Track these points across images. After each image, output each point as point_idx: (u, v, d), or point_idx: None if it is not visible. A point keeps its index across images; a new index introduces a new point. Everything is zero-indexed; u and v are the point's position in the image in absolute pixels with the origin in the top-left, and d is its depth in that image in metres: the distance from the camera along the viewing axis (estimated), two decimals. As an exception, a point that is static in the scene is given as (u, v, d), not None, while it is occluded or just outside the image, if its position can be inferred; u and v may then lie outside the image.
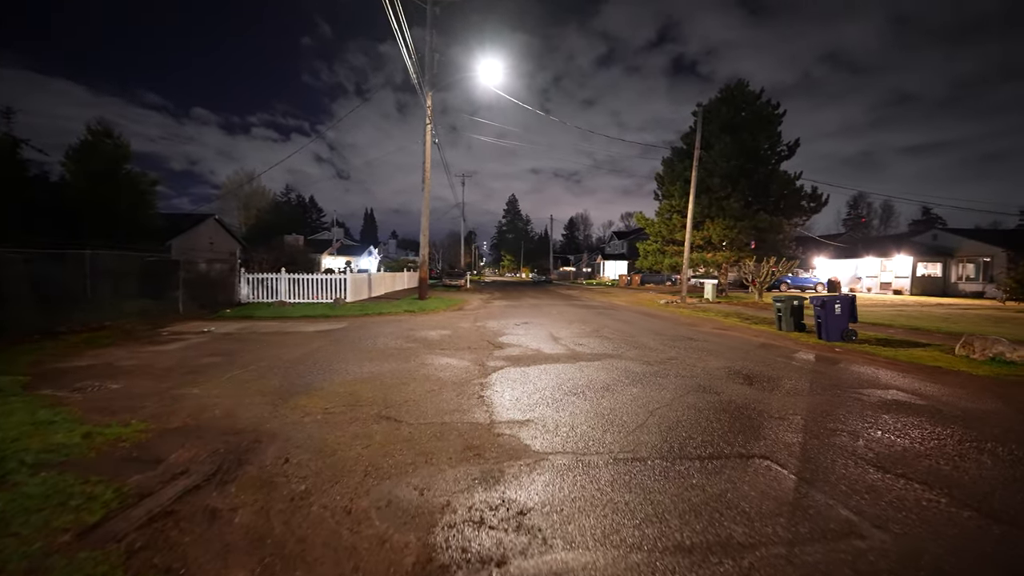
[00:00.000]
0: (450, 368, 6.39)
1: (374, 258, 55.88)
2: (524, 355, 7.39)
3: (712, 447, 3.64)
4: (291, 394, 5.11)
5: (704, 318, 13.96)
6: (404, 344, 8.44)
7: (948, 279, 28.34)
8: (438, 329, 10.52)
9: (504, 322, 11.96)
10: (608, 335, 9.84)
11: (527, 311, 15.25)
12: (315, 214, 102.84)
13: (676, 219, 23.01)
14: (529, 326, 11.15)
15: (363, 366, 6.52)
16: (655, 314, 15.16)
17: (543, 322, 11.99)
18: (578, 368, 6.40)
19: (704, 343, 9.03)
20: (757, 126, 21.73)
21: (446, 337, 9.30)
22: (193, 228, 23.02)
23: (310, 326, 10.99)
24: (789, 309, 11.07)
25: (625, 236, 63.62)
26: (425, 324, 11.49)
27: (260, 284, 16.37)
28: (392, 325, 11.22)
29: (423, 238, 18.18)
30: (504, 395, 5.02)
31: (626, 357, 7.32)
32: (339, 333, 9.83)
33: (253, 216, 57.41)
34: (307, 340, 8.89)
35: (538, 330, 10.44)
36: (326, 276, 16.83)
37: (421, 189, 18.13)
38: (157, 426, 4.07)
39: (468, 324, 11.54)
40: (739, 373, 6.29)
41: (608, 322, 12.31)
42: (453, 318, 13.02)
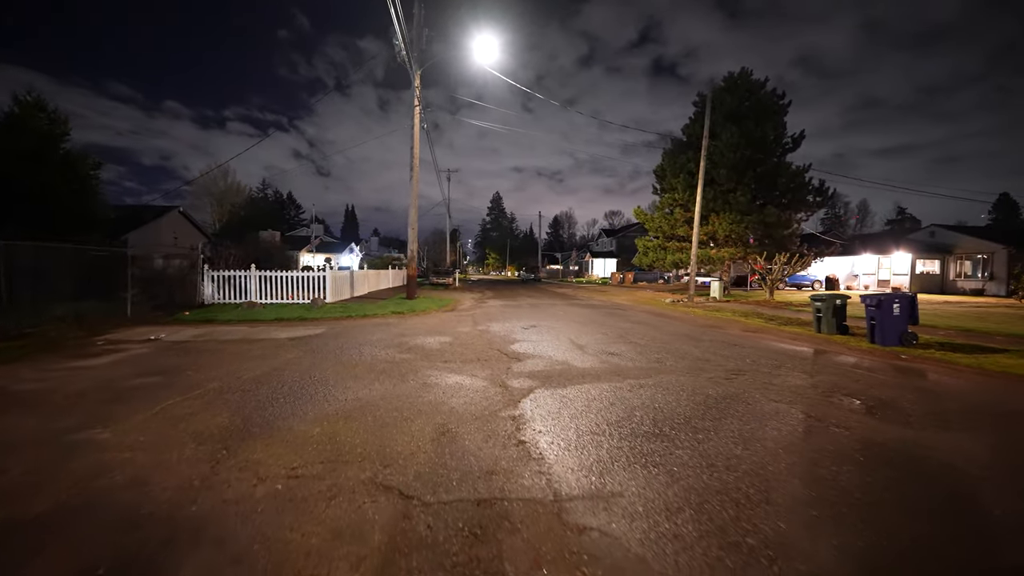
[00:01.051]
0: (463, 391, 4.87)
1: (356, 255, 53.63)
2: (552, 370, 5.91)
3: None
4: (243, 438, 3.53)
5: (725, 319, 12.71)
6: (397, 355, 6.87)
7: (946, 276, 27.96)
8: (435, 335, 8.95)
9: (508, 325, 10.46)
10: (636, 340, 8.43)
11: (529, 312, 13.78)
12: (293, 211, 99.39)
13: (678, 213, 21.84)
14: (539, 330, 9.67)
15: (347, 389, 4.94)
16: (669, 315, 13.86)
17: (553, 325, 10.53)
18: (630, 390, 4.95)
19: (752, 351, 7.70)
20: (763, 116, 20.69)
21: (447, 345, 7.75)
22: (154, 221, 20.82)
23: (282, 331, 9.30)
24: (831, 309, 9.85)
25: (614, 234, 62.76)
26: (418, 328, 9.91)
27: (227, 283, 14.51)
28: (380, 330, 9.62)
29: (411, 232, 16.54)
30: (553, 439, 3.53)
31: (678, 371, 5.91)
32: (316, 341, 8.19)
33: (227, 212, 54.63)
34: (276, 350, 7.24)
35: (551, 335, 8.97)
36: (303, 274, 15.07)
37: (408, 179, 16.48)
38: (4, 514, 2.46)
39: (468, 328, 10.00)
40: (835, 393, 4.93)
41: (625, 324, 10.92)
42: (449, 321, 11.46)
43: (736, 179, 20.10)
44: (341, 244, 57.88)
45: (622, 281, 39.73)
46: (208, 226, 50.28)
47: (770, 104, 20.90)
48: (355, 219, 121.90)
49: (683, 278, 40.52)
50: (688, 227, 22.06)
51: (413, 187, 16.28)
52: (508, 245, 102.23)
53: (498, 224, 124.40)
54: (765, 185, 20.70)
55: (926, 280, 27.80)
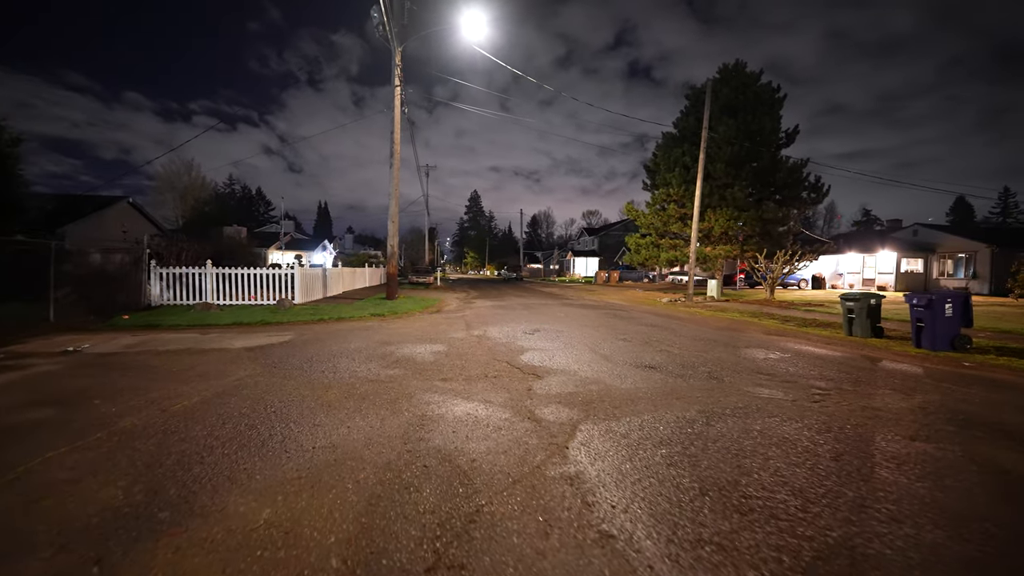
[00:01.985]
0: (481, 428, 3.53)
1: (329, 253, 51.26)
2: (587, 392, 4.61)
3: None
4: (136, 537, 2.11)
5: (737, 320, 11.72)
6: (382, 371, 5.46)
7: (929, 275, 28.07)
8: (425, 342, 7.55)
9: (508, 329, 9.13)
10: (665, 347, 7.23)
11: (525, 314, 12.48)
12: (263, 207, 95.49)
13: (672, 209, 20.95)
14: (546, 335, 8.38)
15: (316, 427, 3.53)
16: (676, 315, 12.79)
17: (560, 329, 9.26)
18: (708, 422, 3.69)
19: (799, 360, 6.60)
20: (760, 108, 19.98)
21: (442, 357, 6.37)
22: (98, 212, 18.55)
23: (239, 339, 7.72)
24: (865, 309, 8.91)
25: (595, 232, 62.11)
26: (404, 334, 8.47)
27: (179, 281, 12.68)
28: (358, 336, 8.14)
29: (391, 226, 15.00)
30: (654, 528, 2.23)
31: (742, 391, 4.70)
32: (280, 351, 6.68)
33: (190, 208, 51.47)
34: (227, 365, 5.71)
35: (563, 342, 7.68)
36: (268, 272, 13.36)
37: (388, 166, 14.94)
38: None
39: (462, 333, 8.63)
40: (968, 423, 3.81)
41: (639, 328, 9.75)
42: (437, 324, 10.06)
43: (733, 174, 19.30)
44: (314, 241, 55.35)
45: (607, 280, 38.90)
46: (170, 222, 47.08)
47: (767, 96, 20.21)
48: (328, 217, 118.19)
49: (668, 277, 40.01)
50: (682, 224, 21.20)
51: (394, 176, 14.75)
52: (487, 244, 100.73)
53: (476, 223, 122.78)
54: (761, 180, 20.00)
55: (910, 279, 27.86)
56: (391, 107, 14.75)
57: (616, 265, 50.00)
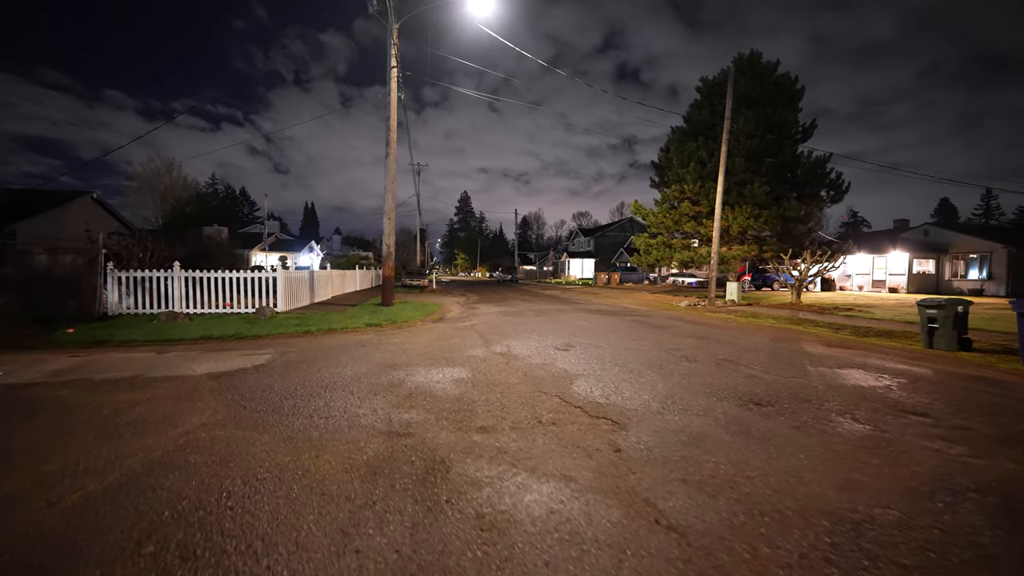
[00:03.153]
0: (585, 552, 2.06)
1: (316, 254, 49.26)
2: (708, 458, 3.15)
3: None
4: None
5: (782, 329, 10.41)
6: (393, 413, 3.96)
7: (941, 276, 27.28)
8: (441, 364, 6.04)
9: (533, 345, 7.66)
10: (747, 369, 5.82)
11: (541, 322, 11.03)
12: (247, 207, 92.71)
13: (685, 207, 19.68)
14: (583, 352, 6.92)
15: (306, 557, 2.03)
16: (708, 322, 11.44)
17: (595, 344, 7.81)
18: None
19: (920, 390, 5.25)
20: (778, 100, 18.84)
21: (469, 387, 4.87)
22: (57, 209, 16.63)
23: (204, 362, 6.14)
24: (951, 319, 7.62)
25: (591, 233, 60.94)
26: (410, 351, 6.96)
27: (141, 286, 11.00)
28: (354, 355, 6.60)
29: (387, 223, 13.44)
30: None
31: (980, 464, 3.31)
32: (254, 381, 5.13)
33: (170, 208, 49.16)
34: (178, 407, 4.16)
35: (611, 362, 6.22)
36: (247, 275, 11.70)
37: (385, 156, 13.38)
38: None
39: (480, 350, 7.14)
40: None
41: (685, 341, 8.35)
42: (447, 336, 8.54)
43: (753, 169, 18.11)
44: (300, 242, 53.27)
45: (608, 282, 37.62)
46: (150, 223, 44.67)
47: (785, 88, 19.09)
48: (315, 217, 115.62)
49: (669, 279, 38.91)
50: (696, 222, 19.98)
51: (390, 168, 13.20)
52: (479, 245, 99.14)
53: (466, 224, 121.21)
54: (780, 177, 18.85)
55: (922, 280, 27.04)
56: (387, 91, 13.20)
57: (614, 266, 48.83)
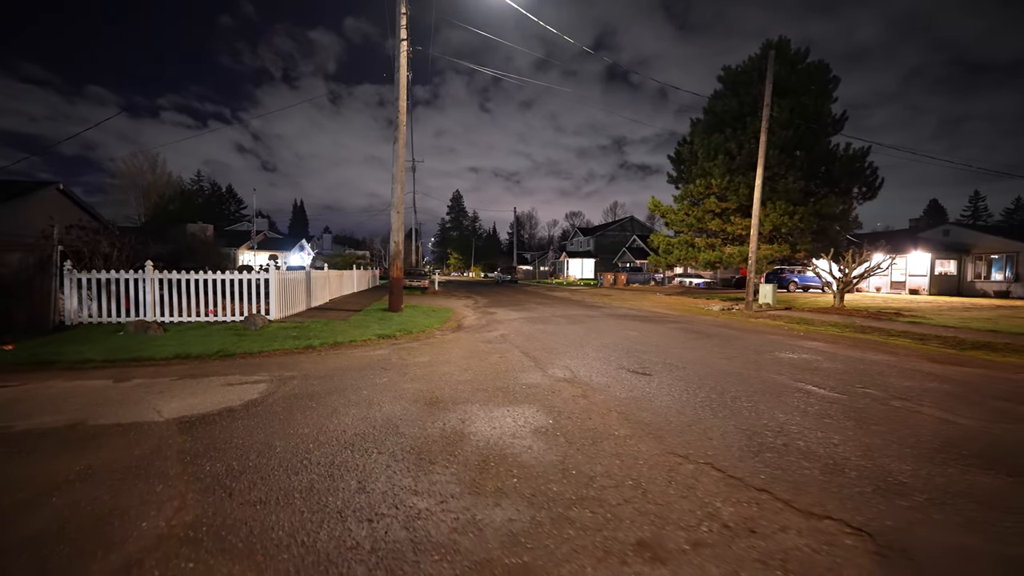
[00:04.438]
0: None
1: (307, 253, 47.21)
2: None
3: None
4: None
5: (858, 340, 9.01)
6: (476, 510, 2.37)
7: (963, 277, 26.32)
8: (500, 402, 4.46)
9: (597, 366, 6.13)
10: (961, 418, 4.34)
11: (578, 331, 9.49)
12: (234, 205, 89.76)
13: (711, 204, 18.31)
14: (670, 379, 5.39)
15: None
16: (767, 331, 10.00)
17: (672, 363, 6.28)
18: None
19: None
20: (812, 89, 17.56)
21: (566, 450, 3.30)
22: (17, 200, 14.70)
23: (174, 397, 4.49)
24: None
25: (591, 232, 59.59)
26: (450, 379, 5.37)
27: (106, 290, 9.24)
28: (378, 387, 5.00)
29: (396, 217, 11.80)
30: None
31: None
32: (243, 434, 3.50)
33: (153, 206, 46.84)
34: (125, 491, 2.52)
35: (719, 394, 4.72)
36: (234, 277, 9.96)
37: (393, 141, 11.75)
38: None
39: (538, 376, 5.57)
40: None
41: (787, 361, 6.88)
42: (483, 354, 6.96)
43: (788, 163, 16.80)
44: (290, 241, 51.13)
45: (615, 282, 36.25)
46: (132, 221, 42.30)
47: (819, 75, 17.81)
48: (304, 216, 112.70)
49: (675, 280, 37.68)
50: (722, 220, 18.62)
51: (399, 155, 11.57)
52: (473, 245, 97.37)
53: (459, 224, 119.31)
54: (813, 171, 17.57)
55: (943, 281, 26.05)
56: (396, 66, 11.57)
57: (616, 267, 47.54)
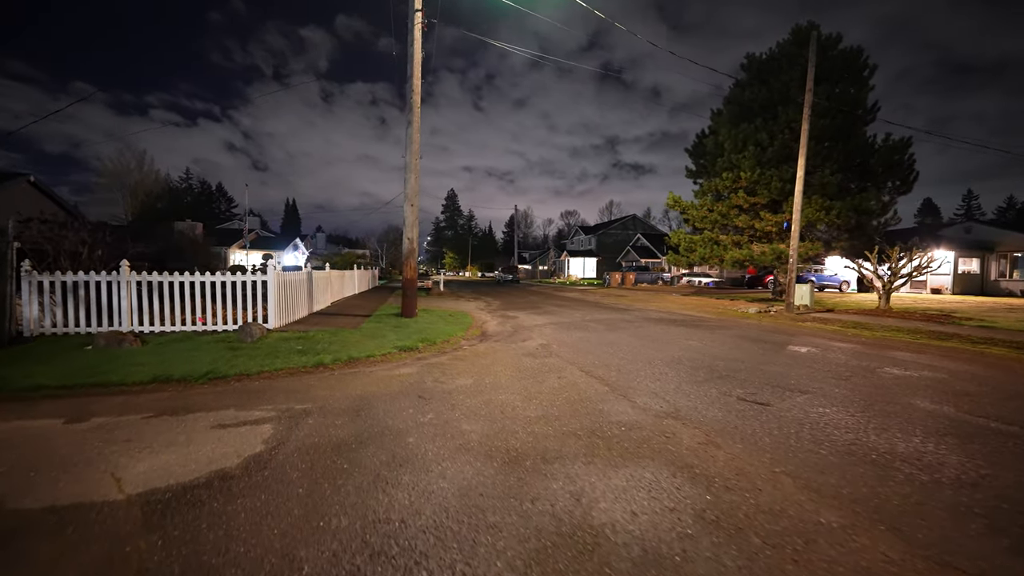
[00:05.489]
0: None
1: (301, 253, 45.59)
2: None
3: None
4: None
5: (951, 350, 7.85)
6: None
7: (987, 276, 25.48)
8: (611, 460, 3.18)
9: (702, 394, 4.89)
10: None
11: (631, 341, 8.24)
12: (224, 204, 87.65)
13: (739, 199, 17.16)
14: (808, 407, 4.16)
15: None
16: (835, 338, 8.81)
17: (791, 388, 5.06)
18: None
19: None
20: (847, 76, 16.47)
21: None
22: (-19, 194, 13.20)
23: (143, 451, 3.16)
24: None
25: (593, 231, 58.42)
26: (514, 416, 4.08)
27: (74, 294, 7.84)
28: (424, 429, 3.70)
29: (409, 210, 10.47)
30: None
31: None
32: (248, 528, 2.19)
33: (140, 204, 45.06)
34: None
35: (886, 446, 3.49)
36: (225, 279, 8.55)
37: (407, 124, 10.43)
38: None
39: (629, 409, 4.30)
40: None
41: (915, 382, 5.68)
42: (538, 374, 5.68)
43: (824, 154, 15.69)
44: (283, 240, 49.43)
45: (623, 282, 35.09)
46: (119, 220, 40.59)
47: (854, 62, 16.72)
48: (297, 215, 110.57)
49: (684, 279, 36.62)
50: (751, 216, 17.48)
51: (413, 140, 10.25)
52: (470, 244, 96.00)
53: (454, 223, 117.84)
54: (849, 163, 16.49)
55: (966, 280, 25.18)
56: (410, 40, 10.24)
57: (620, 266, 46.43)
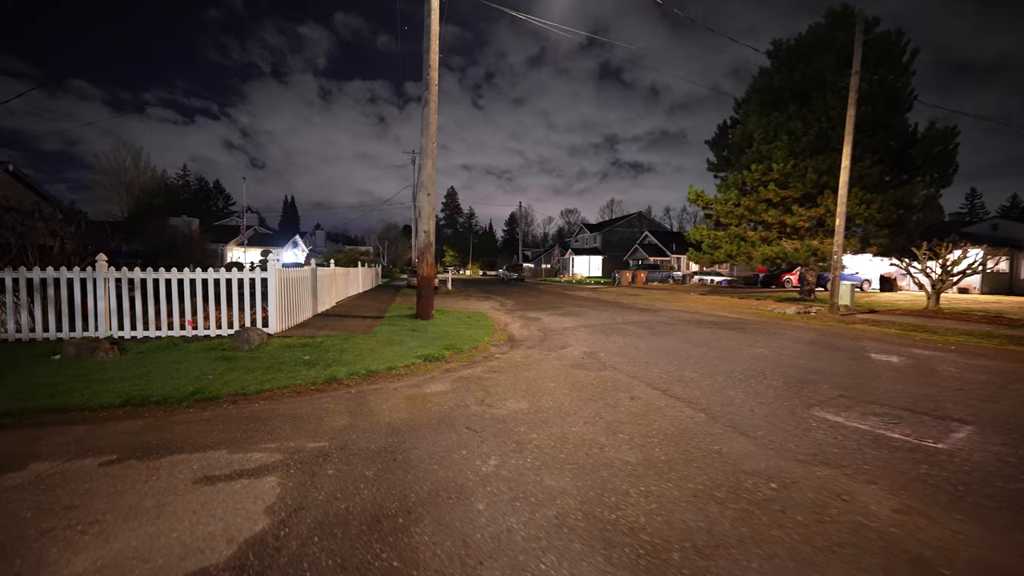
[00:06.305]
0: None
1: (301, 250, 44.39)
2: None
3: None
4: None
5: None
6: None
7: (1016, 274, 24.51)
8: (784, 558, 2.13)
9: (829, 420, 3.82)
10: None
11: (678, 346, 7.18)
12: (221, 201, 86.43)
13: (769, 192, 16.08)
14: (989, 451, 3.11)
15: None
16: (916, 345, 7.77)
17: (923, 411, 4.00)
18: None
19: None
20: (886, 61, 15.40)
21: None
22: (-47, 185, 12.10)
23: (87, 528, 2.07)
24: None
25: (598, 228, 57.35)
26: (598, 454, 2.99)
27: (41, 294, 6.74)
28: (483, 478, 2.60)
29: (426, 200, 9.38)
30: None
31: None
32: None
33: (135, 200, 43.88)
34: None
35: None
36: (219, 276, 7.43)
37: (423, 103, 9.34)
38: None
39: (753, 451, 3.23)
40: None
41: None
42: (605, 395, 4.60)
43: (864, 144, 14.63)
44: (282, 237, 48.25)
45: (633, 280, 34.04)
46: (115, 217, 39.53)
47: (894, 46, 15.65)
48: (296, 212, 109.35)
49: (695, 277, 35.59)
50: (782, 210, 16.43)
51: (429, 119, 9.15)
52: (471, 242, 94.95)
53: (453, 221, 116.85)
54: (889, 154, 15.44)
55: (995, 279, 24.18)
56: (428, 9, 9.14)
57: (627, 264, 45.40)
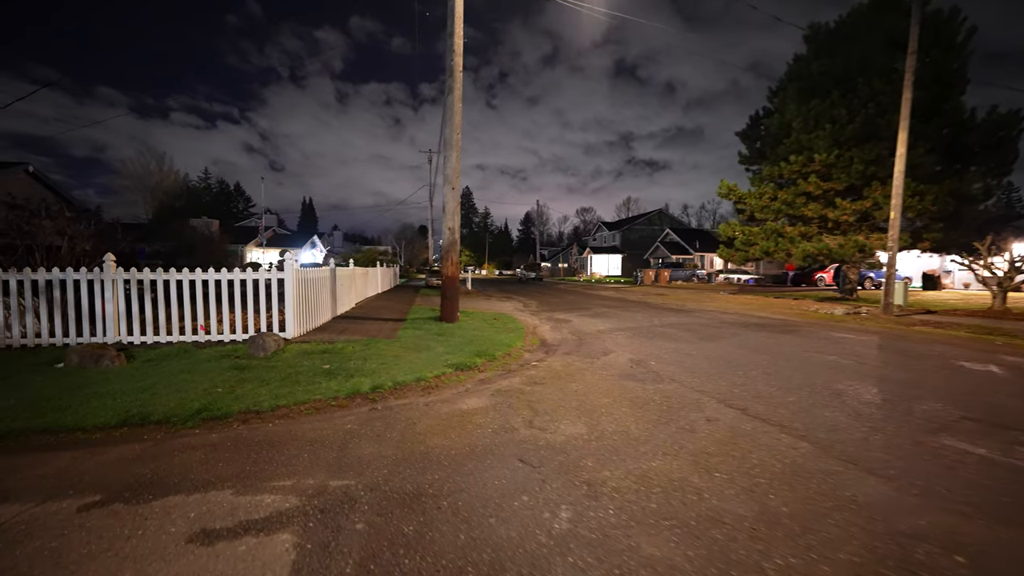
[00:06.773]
0: None
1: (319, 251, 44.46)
2: None
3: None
4: None
5: None
6: None
7: (1073, 272, 22.83)
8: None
9: (990, 474, 3.08)
10: None
11: (734, 353, 6.44)
12: (241, 203, 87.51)
13: (810, 185, 15.09)
14: None
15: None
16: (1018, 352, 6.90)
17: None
18: None
19: None
20: (937, 43, 14.28)
21: None
22: (-26, 186, 11.95)
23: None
24: None
25: (617, 227, 56.23)
26: (696, 504, 2.31)
27: (46, 296, 6.33)
28: (559, 541, 1.94)
29: (451, 196, 8.77)
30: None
31: None
32: None
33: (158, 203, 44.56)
34: None
35: None
36: (234, 277, 6.93)
37: (447, 92, 8.74)
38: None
39: (909, 504, 2.54)
40: None
41: None
42: (675, 415, 3.91)
43: (917, 131, 13.56)
44: (300, 238, 48.43)
45: (656, 279, 33.04)
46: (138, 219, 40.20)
47: (946, 28, 14.52)
48: (314, 213, 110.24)
49: (720, 276, 34.43)
50: (824, 204, 15.43)
51: (454, 109, 8.54)
52: (486, 242, 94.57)
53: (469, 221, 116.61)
54: (943, 142, 14.34)
55: (1048, 277, 22.59)
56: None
57: (648, 262, 44.33)
